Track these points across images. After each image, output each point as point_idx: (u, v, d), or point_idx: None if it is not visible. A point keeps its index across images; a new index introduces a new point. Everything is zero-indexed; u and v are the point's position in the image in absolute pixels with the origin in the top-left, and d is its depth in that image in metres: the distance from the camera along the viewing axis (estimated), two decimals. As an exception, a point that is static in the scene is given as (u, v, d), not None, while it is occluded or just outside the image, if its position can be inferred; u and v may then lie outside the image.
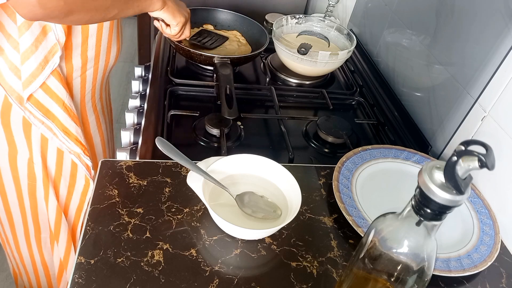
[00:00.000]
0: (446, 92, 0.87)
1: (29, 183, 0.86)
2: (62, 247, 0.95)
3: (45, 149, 0.83)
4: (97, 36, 0.79)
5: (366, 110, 1.02)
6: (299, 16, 1.16)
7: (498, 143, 0.71)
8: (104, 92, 0.96)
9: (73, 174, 0.88)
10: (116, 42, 0.87)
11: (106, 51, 0.84)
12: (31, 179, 0.86)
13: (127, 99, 1.01)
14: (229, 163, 0.68)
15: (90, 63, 0.82)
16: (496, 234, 0.68)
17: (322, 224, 0.67)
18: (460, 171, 0.35)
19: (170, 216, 0.63)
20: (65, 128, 0.80)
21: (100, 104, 0.93)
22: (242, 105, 0.89)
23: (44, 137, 0.81)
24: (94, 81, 0.86)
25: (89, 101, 0.88)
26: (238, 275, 0.57)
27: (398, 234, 0.42)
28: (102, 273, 0.55)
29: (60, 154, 0.84)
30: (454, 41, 0.85)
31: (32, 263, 1.05)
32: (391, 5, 1.11)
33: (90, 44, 0.79)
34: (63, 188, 0.89)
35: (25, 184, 0.87)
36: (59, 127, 0.80)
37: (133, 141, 0.87)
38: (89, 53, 0.80)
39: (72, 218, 0.94)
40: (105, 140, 0.98)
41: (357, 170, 0.75)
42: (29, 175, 0.85)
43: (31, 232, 0.97)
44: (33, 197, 0.89)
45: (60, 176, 0.87)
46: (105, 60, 0.85)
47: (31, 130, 0.79)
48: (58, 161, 0.85)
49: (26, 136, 0.80)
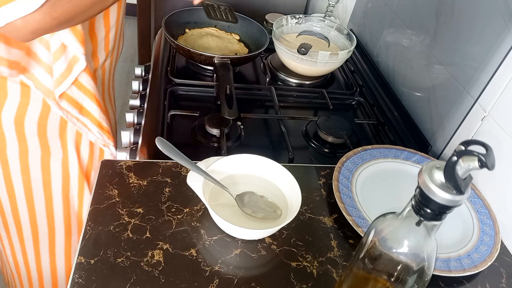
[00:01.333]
0: (446, 92, 0.87)
1: (63, 184, 0.87)
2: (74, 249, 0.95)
3: (79, 144, 0.84)
4: (116, 27, 0.80)
5: (366, 110, 1.02)
6: (299, 16, 1.16)
7: (498, 143, 0.71)
8: (112, 83, 0.97)
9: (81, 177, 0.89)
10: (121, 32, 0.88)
11: (119, 42, 0.86)
12: (65, 179, 0.86)
13: (127, 99, 1.01)
14: (229, 163, 0.68)
15: (109, 56, 0.84)
16: (496, 234, 0.68)
17: (322, 224, 0.67)
18: (460, 171, 0.35)
19: (170, 216, 0.63)
20: (99, 122, 0.82)
21: (112, 96, 0.96)
22: (242, 105, 0.89)
23: (79, 132, 0.82)
24: (109, 73, 0.88)
25: (106, 93, 0.90)
26: (238, 275, 0.57)
27: (398, 234, 0.42)
28: (102, 273, 0.55)
29: (91, 146, 0.86)
30: (454, 41, 0.85)
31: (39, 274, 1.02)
32: (391, 5, 1.11)
33: (111, 36, 0.80)
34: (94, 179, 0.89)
35: (58, 186, 0.87)
36: (94, 122, 0.81)
37: (133, 141, 0.87)
38: (110, 46, 0.81)
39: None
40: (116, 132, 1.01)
41: (357, 170, 0.75)
42: (63, 175, 0.85)
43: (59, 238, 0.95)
44: (66, 198, 0.89)
45: (91, 168, 0.88)
46: (117, 51, 0.87)
47: (67, 128, 0.80)
48: (90, 153, 0.86)
49: (61, 136, 0.81)
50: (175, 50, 1.07)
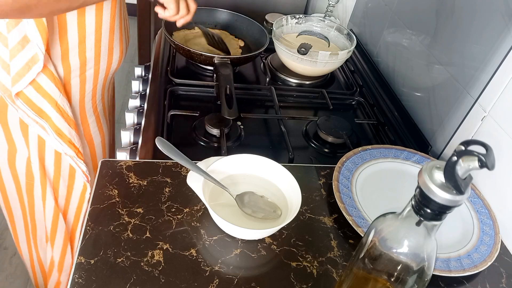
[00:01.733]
0: (446, 92, 0.87)
1: (27, 181, 0.86)
2: (58, 249, 0.95)
3: (43, 150, 0.82)
4: (96, 36, 0.78)
5: (366, 110, 1.02)
6: (299, 16, 1.16)
7: (498, 143, 0.71)
8: (107, 94, 0.95)
9: (71, 175, 0.88)
10: (119, 45, 0.85)
11: (107, 53, 0.83)
12: (29, 178, 0.86)
13: (127, 99, 1.01)
14: (229, 163, 0.68)
15: (89, 64, 0.81)
16: (496, 234, 0.68)
17: (322, 224, 0.67)
18: (460, 171, 0.35)
19: (170, 216, 0.63)
20: (58, 129, 0.79)
21: (102, 106, 0.92)
22: (242, 105, 0.89)
23: (41, 138, 0.80)
24: (94, 82, 0.85)
25: (89, 102, 0.87)
26: (238, 275, 0.57)
27: (398, 234, 0.42)
28: (102, 273, 0.55)
29: (58, 155, 0.84)
30: (454, 41, 0.85)
31: (30, 259, 1.05)
32: (391, 5, 1.11)
33: (88, 44, 0.78)
34: (63, 189, 0.89)
35: (23, 182, 0.87)
36: (52, 127, 0.78)
37: (133, 141, 0.87)
38: (88, 54, 0.79)
39: (72, 219, 0.94)
40: (105, 141, 0.97)
41: (357, 170, 0.75)
42: (27, 174, 0.85)
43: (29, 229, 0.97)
44: (31, 195, 0.89)
45: (59, 176, 0.87)
46: (106, 62, 0.84)
47: (28, 129, 0.79)
48: (57, 162, 0.85)
49: (24, 135, 0.80)
50: (175, 50, 1.07)
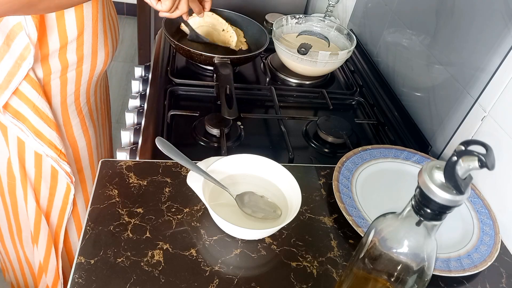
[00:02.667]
0: (446, 92, 0.87)
1: (9, 182, 0.86)
2: (41, 250, 0.93)
3: (23, 151, 0.81)
4: (78, 42, 0.76)
5: (366, 110, 1.02)
6: (299, 16, 1.16)
7: (498, 143, 0.71)
8: (94, 97, 0.92)
9: (54, 177, 0.86)
10: (104, 47, 0.83)
11: (91, 55, 0.81)
12: (11, 179, 0.85)
13: (127, 99, 1.01)
14: (229, 163, 0.68)
15: (71, 66, 0.79)
16: (496, 234, 0.68)
17: (322, 224, 0.67)
18: (460, 171, 0.35)
19: (170, 216, 0.63)
20: (37, 130, 0.78)
21: (88, 108, 0.90)
22: (242, 105, 0.89)
23: (21, 140, 0.79)
24: (77, 83, 0.83)
25: (72, 104, 0.85)
26: (238, 275, 0.57)
27: (398, 234, 0.42)
28: (102, 273, 0.55)
29: (38, 156, 0.82)
30: (454, 41, 0.85)
31: (18, 260, 1.05)
32: (391, 5, 1.11)
33: (70, 48, 0.76)
34: (44, 190, 0.87)
35: (5, 182, 0.86)
36: (30, 129, 0.77)
37: (133, 141, 0.88)
38: (69, 56, 0.77)
39: (55, 221, 0.93)
40: (92, 144, 0.95)
41: (357, 170, 0.75)
42: (8, 174, 0.84)
43: (14, 229, 0.96)
44: (13, 196, 0.88)
45: (40, 178, 0.86)
46: (90, 63, 0.82)
47: (7, 131, 0.78)
48: (37, 163, 0.83)
49: (4, 135, 0.79)
50: (175, 50, 1.07)
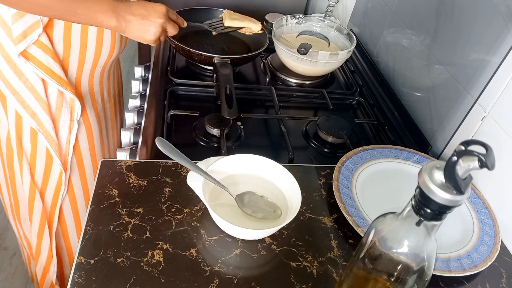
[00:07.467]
0: (446, 92, 0.87)
1: (7, 154, 0.88)
2: (35, 226, 0.94)
3: (20, 127, 0.84)
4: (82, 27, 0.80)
5: (366, 110, 1.02)
6: (299, 16, 1.16)
7: (498, 143, 0.71)
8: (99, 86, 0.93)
9: (49, 156, 0.88)
10: (111, 38, 0.85)
11: (95, 43, 0.83)
12: (9, 151, 0.87)
13: (127, 99, 1.01)
14: (229, 163, 0.68)
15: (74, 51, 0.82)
16: (496, 234, 0.68)
17: (322, 224, 0.67)
18: (460, 171, 0.35)
19: (170, 216, 0.63)
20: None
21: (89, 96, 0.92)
22: (242, 105, 0.89)
23: (19, 114, 0.82)
24: (79, 71, 0.85)
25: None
26: (238, 275, 0.57)
27: (398, 234, 0.42)
28: (102, 273, 0.55)
29: (34, 133, 0.84)
30: (454, 41, 0.85)
31: (20, 239, 1.06)
32: (391, 5, 1.11)
33: (74, 31, 0.79)
34: (40, 167, 0.89)
35: (5, 155, 0.88)
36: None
37: (133, 141, 0.88)
38: (73, 39, 0.80)
39: (50, 200, 0.94)
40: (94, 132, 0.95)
41: (357, 170, 0.75)
42: (7, 147, 0.87)
43: (13, 204, 0.97)
44: (11, 169, 0.90)
45: (35, 155, 0.87)
46: (94, 52, 0.84)
47: (6, 102, 0.81)
48: (33, 140, 0.85)
49: (3, 106, 0.82)
50: (175, 50, 1.07)
